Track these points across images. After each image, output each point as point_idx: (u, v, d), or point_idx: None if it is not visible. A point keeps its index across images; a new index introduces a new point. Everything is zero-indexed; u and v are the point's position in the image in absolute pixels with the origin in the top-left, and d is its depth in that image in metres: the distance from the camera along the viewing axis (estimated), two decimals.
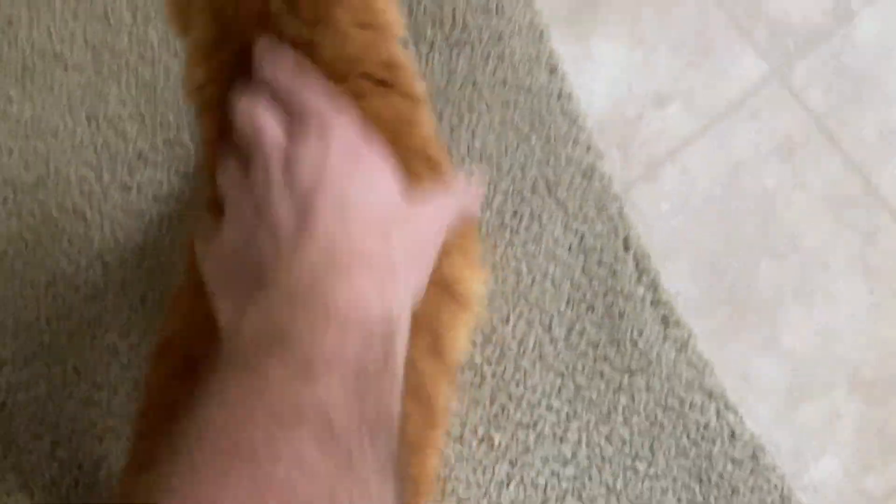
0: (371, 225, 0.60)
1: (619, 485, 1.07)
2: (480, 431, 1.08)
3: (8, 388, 1.11)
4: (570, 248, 1.12)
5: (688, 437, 1.08)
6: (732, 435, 1.08)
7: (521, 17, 1.17)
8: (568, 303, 1.11)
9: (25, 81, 1.18)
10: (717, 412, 1.08)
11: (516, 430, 1.08)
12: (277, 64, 0.64)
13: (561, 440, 1.08)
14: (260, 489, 0.44)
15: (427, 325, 0.71)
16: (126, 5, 1.21)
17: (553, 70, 1.16)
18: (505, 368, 1.10)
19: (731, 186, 1.14)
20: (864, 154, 1.14)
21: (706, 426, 1.08)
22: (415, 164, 0.69)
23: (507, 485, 1.07)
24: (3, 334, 1.12)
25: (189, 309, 0.71)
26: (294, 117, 0.63)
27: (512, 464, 1.07)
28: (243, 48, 0.66)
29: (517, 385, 1.09)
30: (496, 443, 1.08)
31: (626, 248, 1.12)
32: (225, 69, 0.67)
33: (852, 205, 1.13)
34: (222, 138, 0.66)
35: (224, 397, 0.50)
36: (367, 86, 0.68)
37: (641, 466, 1.07)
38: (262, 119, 0.62)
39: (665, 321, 1.11)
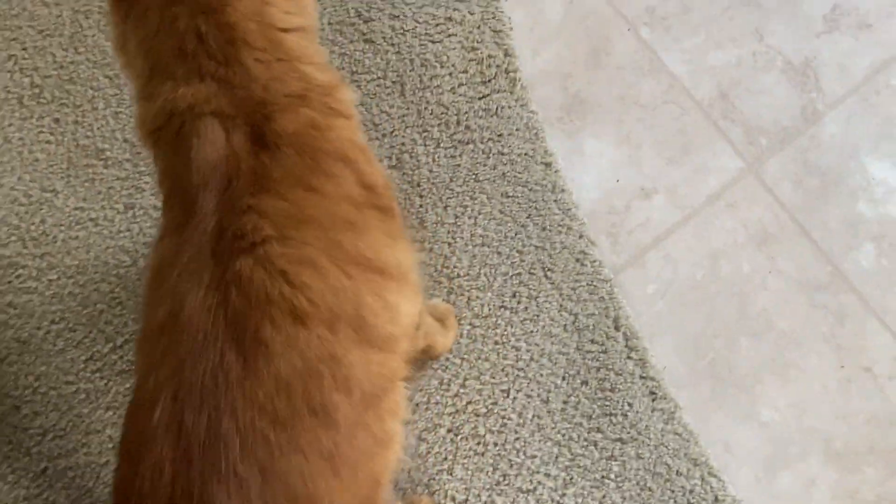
0: None
1: None
2: (484, 497, 1.18)
3: (50, 455, 1.21)
4: (564, 327, 1.23)
5: (675, 501, 1.18)
6: (716, 500, 1.17)
7: (518, 118, 1.30)
8: (563, 378, 1.22)
9: (70, 175, 1.31)
10: (702, 478, 1.18)
11: (517, 496, 1.17)
12: None
13: None
14: None
15: (349, 315, 0.80)
16: None
17: (548, 165, 1.28)
18: (506, 438, 1.20)
19: (712, 271, 1.26)
20: (831, 242, 1.26)
21: (692, 492, 1.18)
22: (330, 165, 0.82)
23: None
24: (46, 405, 1.22)
25: None
26: None
27: None
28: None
29: (517, 454, 1.19)
30: None
31: (617, 327, 1.23)
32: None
33: (822, 288, 1.25)
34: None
35: None
36: (281, 102, 0.81)
37: None
38: None
39: (653, 394, 1.21)
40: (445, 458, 1.19)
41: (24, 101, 1.34)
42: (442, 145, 1.30)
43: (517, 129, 1.30)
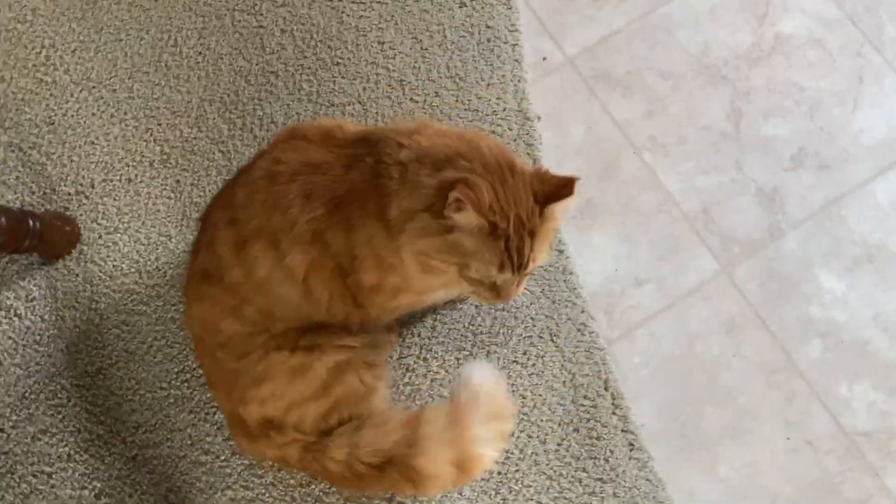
0: None
1: None
2: None
3: (140, 444, 1.48)
4: (563, 383, 1.49)
5: None
6: None
7: None
8: (559, 424, 1.47)
9: (182, 225, 1.63)
10: None
11: None
12: None
13: None
14: None
15: None
16: None
17: (561, 252, 1.56)
18: (508, 469, 1.44)
19: (688, 350, 1.51)
20: (786, 335, 1.51)
21: None
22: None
23: None
24: (142, 405, 1.50)
25: None
26: None
27: None
28: None
29: (516, 483, 1.43)
30: None
31: (606, 388, 1.49)
32: None
33: (776, 372, 1.49)
34: None
35: None
36: None
37: None
38: None
39: (631, 445, 1.45)
40: None
41: (154, 165, 1.66)
42: None
43: None
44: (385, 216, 1.13)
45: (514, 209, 1.08)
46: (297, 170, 1.17)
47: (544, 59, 1.72)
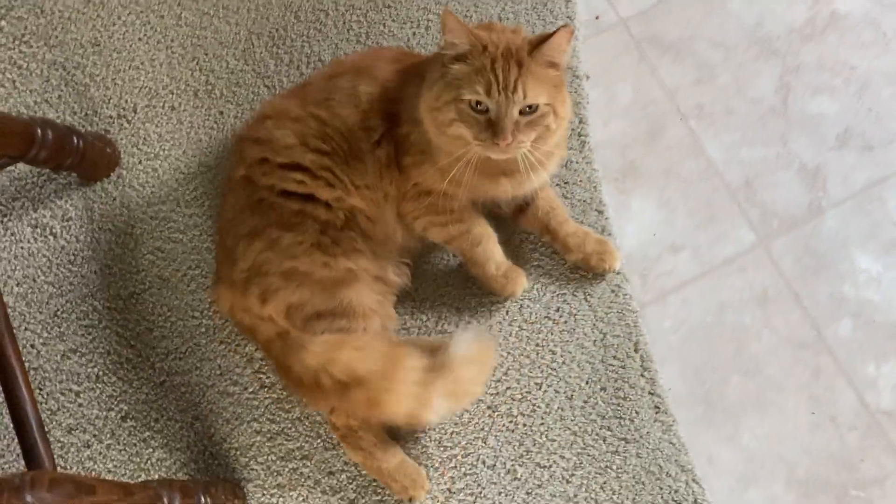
0: None
1: None
2: (508, 465, 1.43)
3: (169, 371, 1.49)
4: (594, 342, 1.50)
5: (661, 498, 1.42)
6: (695, 502, 1.42)
7: (583, 171, 1.60)
8: (587, 382, 1.48)
9: (222, 158, 1.62)
10: (686, 483, 1.43)
11: (535, 469, 1.43)
12: None
13: (567, 482, 1.43)
14: None
15: None
16: None
17: (601, 213, 1.57)
18: (533, 422, 1.45)
19: (718, 318, 1.53)
20: (818, 312, 1.52)
21: (676, 492, 1.42)
22: None
23: None
24: (173, 332, 1.51)
25: None
26: None
27: (529, 493, 1.42)
28: None
29: (541, 436, 1.45)
30: (518, 475, 1.43)
31: (636, 350, 1.50)
32: None
33: (805, 347, 1.50)
34: None
35: None
36: None
37: None
38: None
39: (657, 408, 1.47)
40: (482, 429, 1.45)
41: (199, 94, 1.66)
42: None
43: (580, 181, 1.58)
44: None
45: (503, 41, 1.22)
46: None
47: (597, 17, 1.71)
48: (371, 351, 1.26)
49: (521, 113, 1.22)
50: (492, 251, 1.46)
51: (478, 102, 1.22)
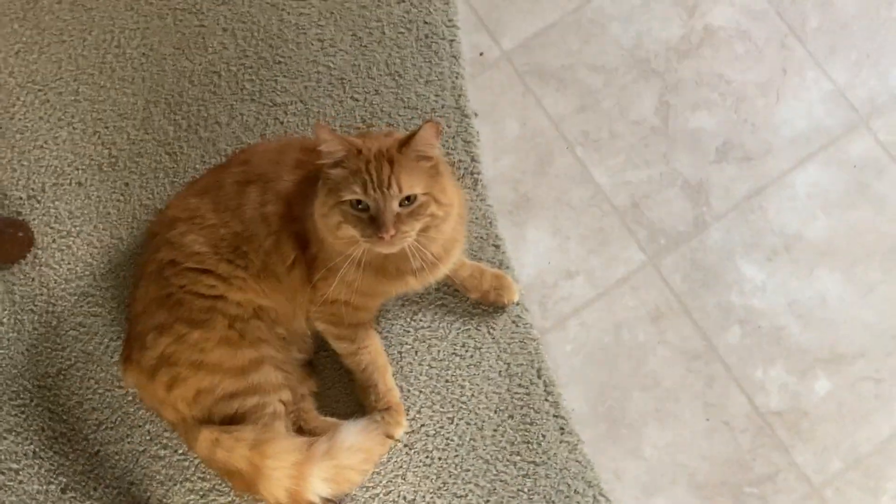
0: None
1: None
2: (427, 498, 1.52)
3: (102, 441, 1.57)
4: (499, 373, 1.58)
5: None
6: None
7: (478, 209, 1.65)
8: (495, 411, 1.56)
9: (133, 227, 1.68)
10: (594, 497, 1.52)
11: (452, 499, 1.51)
12: None
13: None
14: None
15: None
16: None
17: (497, 247, 1.64)
18: (448, 455, 1.54)
19: (615, 338, 1.60)
20: (707, 322, 1.60)
21: None
22: None
23: None
24: (102, 403, 1.59)
25: None
26: None
27: None
28: None
29: (455, 467, 1.53)
30: None
31: (539, 376, 1.58)
32: None
33: (697, 357, 1.59)
34: None
35: None
36: None
37: None
38: None
39: (562, 429, 1.55)
40: (401, 467, 1.53)
41: (103, 168, 1.71)
42: None
43: (476, 218, 1.64)
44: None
45: (375, 145, 1.30)
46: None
47: (481, 54, 1.76)
48: (239, 452, 1.36)
49: (400, 205, 1.27)
50: (375, 380, 1.52)
51: (358, 202, 1.28)
